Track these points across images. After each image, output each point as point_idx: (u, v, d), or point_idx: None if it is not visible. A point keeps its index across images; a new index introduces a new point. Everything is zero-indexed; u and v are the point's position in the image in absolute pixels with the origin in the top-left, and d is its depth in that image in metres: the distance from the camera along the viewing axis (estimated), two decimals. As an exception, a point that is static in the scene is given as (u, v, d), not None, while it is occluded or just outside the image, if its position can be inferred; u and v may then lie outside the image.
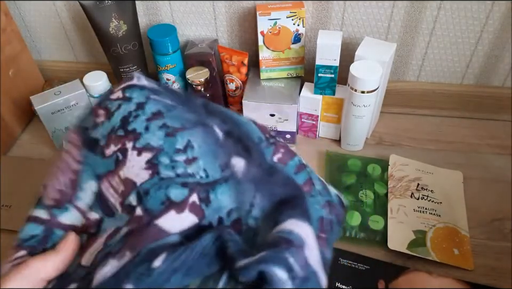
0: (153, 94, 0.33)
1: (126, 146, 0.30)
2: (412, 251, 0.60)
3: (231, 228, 0.29)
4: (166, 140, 0.31)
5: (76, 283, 0.28)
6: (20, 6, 0.83)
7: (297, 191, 0.33)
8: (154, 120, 0.31)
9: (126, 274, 0.26)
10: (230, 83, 0.78)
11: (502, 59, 0.75)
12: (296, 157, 0.36)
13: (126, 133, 0.31)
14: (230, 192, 0.31)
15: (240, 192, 0.31)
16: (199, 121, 0.33)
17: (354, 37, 0.76)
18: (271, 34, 0.72)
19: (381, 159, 0.73)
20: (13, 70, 0.81)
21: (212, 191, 0.30)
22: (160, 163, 0.30)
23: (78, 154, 0.32)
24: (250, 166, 0.33)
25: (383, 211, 0.65)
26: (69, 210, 0.31)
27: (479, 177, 0.71)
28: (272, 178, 0.33)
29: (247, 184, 0.32)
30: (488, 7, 0.69)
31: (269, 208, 0.31)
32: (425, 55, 0.77)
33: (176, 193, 0.29)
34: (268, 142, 0.35)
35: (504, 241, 0.62)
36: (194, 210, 0.28)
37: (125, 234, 0.28)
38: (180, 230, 0.27)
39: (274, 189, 0.32)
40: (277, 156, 0.35)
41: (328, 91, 0.73)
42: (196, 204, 0.29)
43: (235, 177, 0.32)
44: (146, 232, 0.27)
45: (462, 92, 0.79)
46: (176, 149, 0.31)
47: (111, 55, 0.76)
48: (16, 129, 0.83)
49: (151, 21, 0.81)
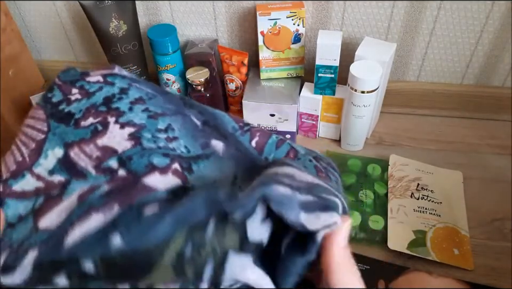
0: (134, 82, 0.33)
1: (108, 120, 0.30)
2: (412, 251, 0.60)
3: None
4: (149, 121, 0.31)
5: (35, 249, 0.25)
6: (20, 6, 0.83)
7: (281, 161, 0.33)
8: (137, 104, 0.32)
9: (114, 225, 0.24)
10: (230, 83, 0.78)
11: (502, 59, 0.75)
12: (273, 135, 0.36)
13: (109, 110, 0.30)
14: (213, 167, 0.31)
15: (223, 167, 0.31)
16: (178, 111, 0.33)
17: (354, 37, 0.76)
18: (271, 34, 0.72)
19: (381, 159, 0.73)
20: (13, 70, 0.81)
21: (194, 163, 0.30)
22: (143, 136, 0.30)
23: (43, 126, 0.31)
24: (229, 148, 0.33)
25: (383, 211, 0.65)
26: (25, 177, 0.30)
27: (479, 177, 0.71)
28: (250, 158, 0.33)
29: (228, 161, 0.32)
30: (488, 7, 0.69)
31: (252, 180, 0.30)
32: (425, 55, 0.77)
33: (158, 160, 0.29)
34: (243, 130, 0.36)
35: (504, 241, 0.62)
36: (177, 174, 0.28)
37: (107, 191, 0.27)
38: (166, 187, 0.27)
39: (254, 166, 0.33)
40: (255, 140, 0.36)
41: (328, 91, 0.73)
42: (178, 170, 0.29)
43: (216, 154, 0.32)
44: (134, 188, 0.26)
45: (462, 92, 0.79)
46: (158, 128, 0.31)
47: (111, 55, 0.76)
48: (16, 129, 0.83)
49: (151, 21, 0.81)
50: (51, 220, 0.27)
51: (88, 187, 0.28)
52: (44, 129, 0.31)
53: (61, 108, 0.31)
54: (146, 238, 0.24)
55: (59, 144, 0.30)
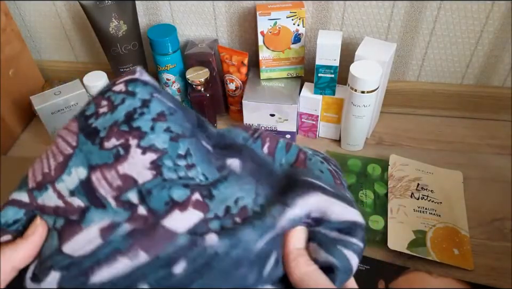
0: (156, 91, 0.33)
1: (130, 142, 0.30)
2: (412, 251, 0.60)
3: (238, 216, 0.29)
4: (170, 144, 0.31)
5: (57, 271, 0.27)
6: (19, 6, 0.83)
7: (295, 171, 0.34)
8: (159, 122, 0.31)
9: (144, 275, 0.26)
10: (230, 83, 0.78)
11: (502, 59, 0.75)
12: (281, 140, 0.37)
13: (130, 129, 0.30)
14: (233, 186, 0.31)
15: (243, 184, 0.32)
16: (193, 132, 0.34)
17: (354, 37, 0.76)
18: (271, 34, 0.72)
19: (381, 159, 0.73)
20: (13, 70, 0.81)
21: (214, 188, 0.30)
22: (164, 165, 0.30)
23: (73, 140, 0.31)
24: (245, 162, 0.34)
25: (383, 211, 0.65)
26: (47, 191, 0.30)
27: (479, 177, 0.71)
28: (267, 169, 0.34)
29: (247, 177, 0.32)
30: (488, 7, 0.69)
31: (273, 195, 0.31)
32: (425, 55, 0.77)
33: (179, 193, 0.29)
34: (253, 137, 0.36)
35: (504, 241, 0.62)
36: (197, 206, 0.29)
37: (129, 232, 0.28)
38: (187, 228, 0.28)
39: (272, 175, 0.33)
40: (266, 146, 0.36)
41: (328, 91, 0.73)
42: (199, 200, 0.29)
43: (234, 173, 0.32)
44: (155, 234, 0.27)
45: (462, 92, 0.79)
46: (178, 154, 0.31)
47: (111, 55, 0.76)
48: (16, 129, 0.83)
49: (151, 21, 0.81)
50: (73, 248, 0.28)
51: (109, 223, 0.28)
52: (73, 144, 0.31)
53: (90, 122, 0.32)
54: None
55: (84, 164, 0.30)
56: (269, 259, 0.29)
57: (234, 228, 0.28)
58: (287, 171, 0.34)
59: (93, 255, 0.28)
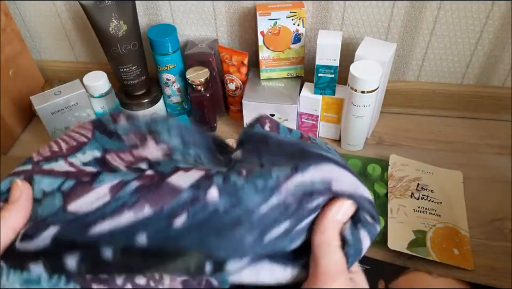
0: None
1: (147, 138, 0.33)
2: (412, 251, 0.60)
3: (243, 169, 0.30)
4: (182, 145, 0.33)
5: (56, 225, 0.28)
6: (19, 6, 0.83)
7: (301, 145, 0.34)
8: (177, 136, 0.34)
9: (144, 226, 0.27)
10: (230, 83, 0.78)
11: (502, 59, 0.75)
12: (279, 124, 0.38)
13: (150, 133, 0.33)
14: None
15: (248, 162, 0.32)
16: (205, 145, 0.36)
17: (354, 37, 0.76)
18: (271, 34, 0.72)
19: (381, 159, 0.73)
20: (13, 70, 0.81)
21: None
22: (174, 153, 0.32)
23: (88, 133, 0.33)
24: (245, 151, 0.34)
25: (383, 211, 0.65)
26: (58, 161, 0.31)
27: (479, 177, 0.71)
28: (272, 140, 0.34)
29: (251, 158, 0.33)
30: (488, 7, 0.69)
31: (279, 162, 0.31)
32: (425, 55, 0.77)
33: (185, 166, 0.31)
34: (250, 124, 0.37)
35: (504, 241, 0.62)
36: (200, 169, 0.30)
37: (136, 188, 0.29)
38: (190, 183, 0.29)
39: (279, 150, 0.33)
40: (267, 126, 0.36)
41: (328, 91, 0.73)
42: (202, 169, 0.31)
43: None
44: (161, 189, 0.28)
45: (462, 92, 0.79)
46: (188, 152, 0.33)
47: (111, 55, 0.76)
48: (16, 129, 0.83)
49: (151, 21, 0.81)
50: (81, 205, 0.29)
51: (118, 181, 0.29)
52: (88, 135, 0.33)
53: (108, 125, 0.33)
54: (171, 244, 0.27)
55: (99, 148, 0.32)
56: (276, 227, 0.28)
57: (237, 186, 0.28)
58: (296, 143, 0.34)
59: (98, 210, 0.28)
